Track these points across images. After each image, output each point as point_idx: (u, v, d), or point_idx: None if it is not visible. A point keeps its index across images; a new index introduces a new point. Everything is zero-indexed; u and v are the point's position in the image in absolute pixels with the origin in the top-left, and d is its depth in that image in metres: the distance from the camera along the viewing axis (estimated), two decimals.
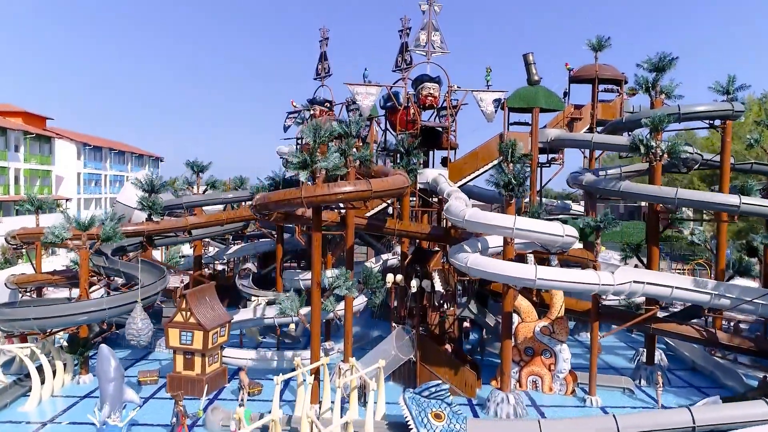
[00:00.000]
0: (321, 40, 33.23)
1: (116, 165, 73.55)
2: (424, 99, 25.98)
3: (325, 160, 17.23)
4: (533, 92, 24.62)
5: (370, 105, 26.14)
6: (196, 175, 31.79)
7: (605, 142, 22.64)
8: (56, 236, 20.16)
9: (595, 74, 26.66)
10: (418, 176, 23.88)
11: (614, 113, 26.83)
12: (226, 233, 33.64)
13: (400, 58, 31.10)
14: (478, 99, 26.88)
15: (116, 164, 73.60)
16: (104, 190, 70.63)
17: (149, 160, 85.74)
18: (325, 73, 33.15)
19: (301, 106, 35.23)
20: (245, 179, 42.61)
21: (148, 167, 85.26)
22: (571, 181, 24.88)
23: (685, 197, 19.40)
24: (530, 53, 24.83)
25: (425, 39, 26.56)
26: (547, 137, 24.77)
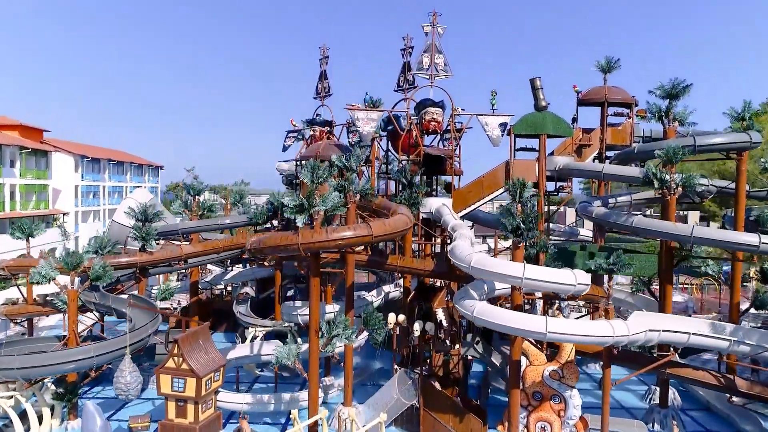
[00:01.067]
0: (321, 59, 32.40)
1: (115, 176, 72.90)
2: (427, 124, 25.15)
3: (323, 200, 16.43)
4: (541, 118, 23.75)
5: (372, 131, 25.31)
6: (192, 198, 30.99)
7: (616, 174, 21.77)
8: (43, 276, 19.34)
9: (605, 97, 25.83)
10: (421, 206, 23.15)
11: (624, 138, 25.98)
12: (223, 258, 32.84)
13: (402, 77, 30.35)
14: (483, 123, 26.05)
15: (115, 175, 72.94)
16: (103, 202, 69.95)
17: (149, 169, 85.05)
18: (325, 92, 32.32)
19: (300, 125, 34.44)
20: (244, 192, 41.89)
21: (147, 176, 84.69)
22: (580, 210, 24.03)
23: (701, 235, 18.53)
24: (537, 78, 23.99)
25: (428, 62, 25.78)
26: (555, 165, 23.90)
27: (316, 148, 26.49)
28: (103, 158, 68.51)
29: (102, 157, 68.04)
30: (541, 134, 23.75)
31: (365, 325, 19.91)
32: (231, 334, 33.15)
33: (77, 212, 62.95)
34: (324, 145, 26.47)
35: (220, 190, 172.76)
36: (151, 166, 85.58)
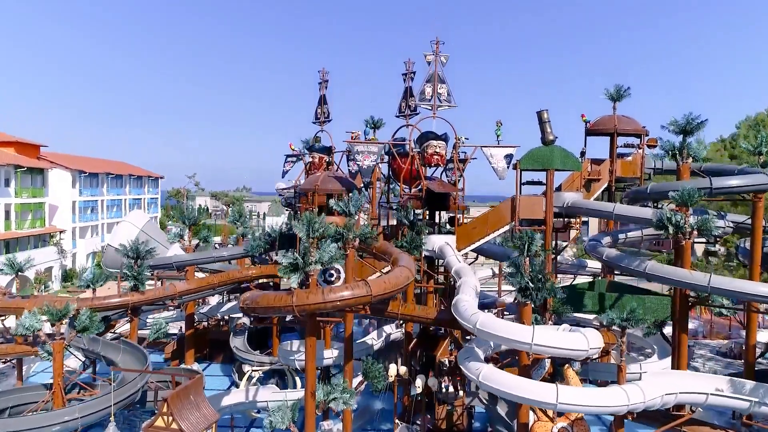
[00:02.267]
0: (320, 83, 31.67)
1: (113, 189, 72.25)
2: (429, 158, 24.29)
3: (319, 253, 15.58)
4: (548, 153, 22.87)
5: (372, 164, 24.50)
6: (187, 229, 30.18)
7: (627, 215, 20.85)
8: (27, 329, 18.48)
9: (614, 127, 24.97)
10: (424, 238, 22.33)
11: (635, 170, 25.15)
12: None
13: (403, 103, 29.53)
14: (488, 155, 25.23)
15: (113, 188, 72.28)
16: (101, 216, 69.27)
17: (148, 180, 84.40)
18: (324, 117, 31.57)
19: (299, 149, 33.66)
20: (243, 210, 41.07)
21: (147, 187, 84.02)
22: (589, 249, 23.12)
23: (719, 286, 17.59)
24: (545, 110, 23.09)
25: (431, 92, 24.96)
26: (563, 202, 23.01)
27: (314, 180, 25.67)
28: (101, 172, 67.79)
29: (100, 171, 67.32)
30: (549, 169, 22.89)
31: (365, 377, 19.07)
32: (228, 365, 32.29)
33: (75, 228, 62.26)
34: (323, 177, 25.65)
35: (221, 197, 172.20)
36: (151, 177, 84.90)
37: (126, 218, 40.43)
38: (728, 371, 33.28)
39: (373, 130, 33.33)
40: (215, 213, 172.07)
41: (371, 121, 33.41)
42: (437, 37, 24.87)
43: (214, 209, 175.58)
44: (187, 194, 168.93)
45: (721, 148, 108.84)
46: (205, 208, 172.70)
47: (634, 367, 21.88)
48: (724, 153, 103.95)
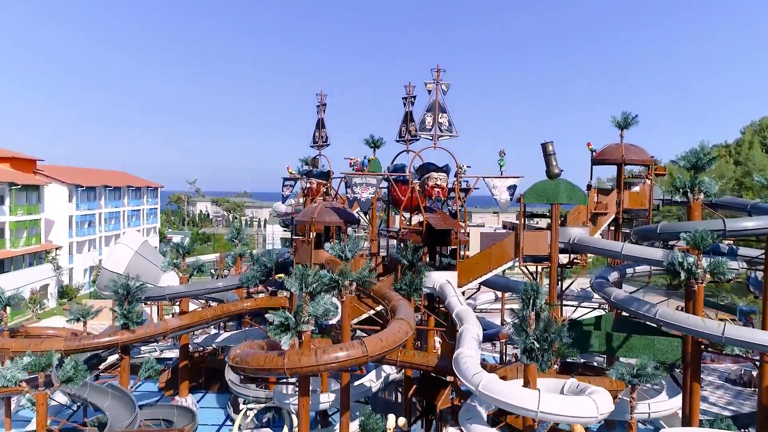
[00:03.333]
0: (318, 106, 30.93)
1: (111, 201, 71.58)
2: (430, 190, 23.54)
3: (313, 305, 14.84)
4: (553, 186, 22.05)
5: (371, 197, 23.71)
6: (181, 258, 29.43)
7: (637, 256, 20.04)
8: (9, 380, 17.73)
9: (621, 157, 24.14)
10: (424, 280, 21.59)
11: (643, 202, 24.32)
12: None
13: (403, 128, 28.84)
14: (491, 186, 24.46)
15: (111, 201, 71.61)
16: (99, 229, 68.59)
17: (147, 191, 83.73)
18: (322, 141, 30.83)
19: (297, 173, 32.95)
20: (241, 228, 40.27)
21: (146, 198, 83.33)
22: (596, 287, 22.31)
23: (734, 336, 16.81)
24: (550, 143, 22.27)
25: (431, 121, 24.21)
26: (569, 237, 22.22)
27: (311, 212, 24.85)
28: (99, 185, 67.11)
29: (97, 184, 66.65)
30: (554, 203, 22.09)
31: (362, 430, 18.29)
32: (224, 395, 31.52)
33: (72, 243, 61.57)
34: (320, 209, 24.81)
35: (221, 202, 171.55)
36: (149, 187, 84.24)
37: (121, 240, 39.61)
38: (739, 400, 32.49)
39: (373, 148, 32.74)
40: (216, 219, 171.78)
41: (371, 141, 32.82)
42: (438, 65, 24.11)
43: (214, 215, 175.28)
44: (188, 199, 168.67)
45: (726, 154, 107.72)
46: (206, 213, 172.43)
47: (642, 407, 21.04)
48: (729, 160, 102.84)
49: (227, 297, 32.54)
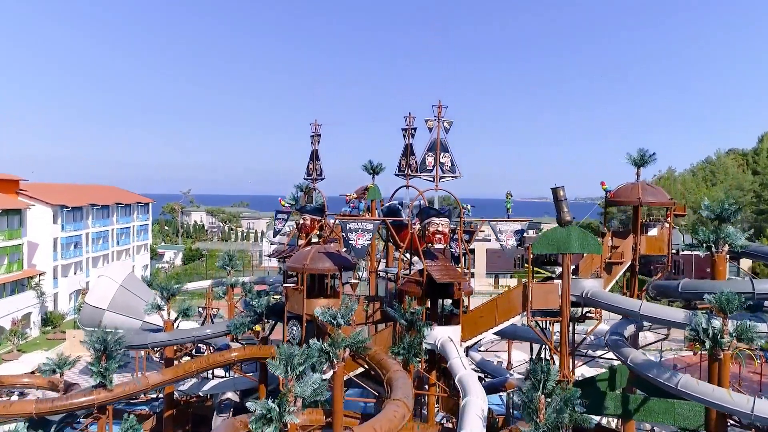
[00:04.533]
0: (312, 136, 30.11)
1: (99, 220, 70.87)
2: (431, 237, 22.60)
3: (300, 386, 13.89)
4: (564, 235, 21.17)
5: (366, 244, 22.82)
6: (166, 301, 28.52)
7: (656, 317, 19.08)
8: None
9: (638, 199, 23.19)
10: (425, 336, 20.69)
11: (661, 248, 23.37)
12: None
13: (403, 161, 28.06)
14: (497, 230, 23.73)
15: (99, 219, 70.92)
16: (86, 250, 67.84)
17: (137, 207, 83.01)
18: (317, 174, 29.99)
19: (289, 206, 32.13)
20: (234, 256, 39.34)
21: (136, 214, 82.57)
22: (611, 346, 21.34)
23: (765, 414, 15.79)
24: (560, 188, 21.39)
25: (432, 161, 23.35)
26: (582, 290, 21.32)
27: (303, 258, 23.92)
28: (86, 204, 66.35)
29: (84, 204, 65.88)
30: (566, 253, 21.18)
31: None
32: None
33: (56, 267, 60.81)
34: (313, 254, 23.88)
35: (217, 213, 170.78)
36: (140, 203, 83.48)
37: (105, 273, 38.85)
38: None
39: (372, 174, 31.90)
40: (211, 230, 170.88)
41: (369, 167, 32.00)
42: (439, 100, 23.29)
43: (210, 226, 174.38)
44: (182, 209, 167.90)
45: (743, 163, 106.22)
46: (201, 224, 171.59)
47: None
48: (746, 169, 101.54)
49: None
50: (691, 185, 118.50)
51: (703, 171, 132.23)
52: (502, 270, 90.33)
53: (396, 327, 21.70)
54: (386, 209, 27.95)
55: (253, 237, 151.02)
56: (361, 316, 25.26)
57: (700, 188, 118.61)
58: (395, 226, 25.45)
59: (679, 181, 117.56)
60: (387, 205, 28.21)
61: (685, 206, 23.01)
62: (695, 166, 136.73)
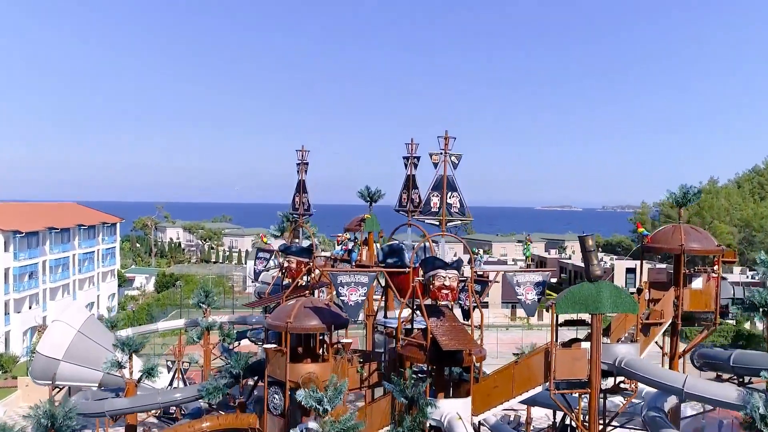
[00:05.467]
0: (299, 164, 29.43)
1: (59, 245, 70.39)
2: (436, 292, 21.75)
3: None
4: (594, 292, 20.35)
5: (360, 301, 21.99)
6: (128, 357, 27.77)
7: (704, 395, 18.24)
8: None
9: (681, 246, 22.40)
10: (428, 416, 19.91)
11: (708, 303, 22.62)
12: None
13: (404, 195, 27.50)
14: (514, 282, 22.80)
15: (59, 244, 70.41)
16: (43, 281, 67.23)
17: (103, 228, 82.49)
18: (304, 209, 29.30)
19: (272, 244, 31.50)
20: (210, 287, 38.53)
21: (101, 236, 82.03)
22: (649, 423, 20.50)
23: None
24: (589, 236, 20.58)
25: (438, 203, 22.58)
26: (614, 358, 20.55)
27: (286, 314, 23.10)
28: (42, 228, 65.79)
29: (40, 228, 65.35)
30: (596, 314, 20.37)
31: None
32: None
33: (8, 301, 60.17)
34: (297, 310, 23.07)
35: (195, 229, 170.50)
36: (106, 223, 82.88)
37: (60, 317, 38.02)
38: None
39: (370, 202, 31.25)
40: (189, 249, 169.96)
41: (366, 193, 31.38)
42: (446, 131, 22.57)
43: (187, 244, 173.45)
44: (155, 225, 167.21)
45: None
46: (177, 242, 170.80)
47: None
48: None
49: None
50: (737, 199, 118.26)
51: (750, 182, 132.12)
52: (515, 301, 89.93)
53: (394, 405, 20.93)
54: (387, 248, 27.20)
55: (236, 257, 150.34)
56: (355, 379, 24.50)
57: (747, 203, 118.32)
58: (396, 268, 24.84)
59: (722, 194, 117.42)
60: (389, 244, 27.47)
61: (734, 251, 22.18)
62: (740, 177, 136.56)
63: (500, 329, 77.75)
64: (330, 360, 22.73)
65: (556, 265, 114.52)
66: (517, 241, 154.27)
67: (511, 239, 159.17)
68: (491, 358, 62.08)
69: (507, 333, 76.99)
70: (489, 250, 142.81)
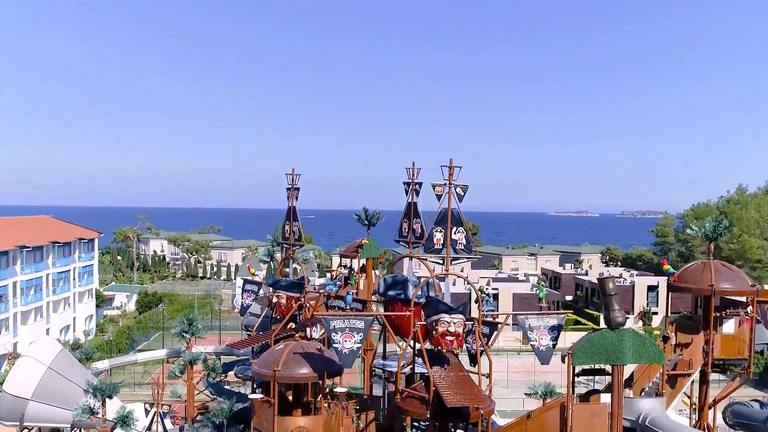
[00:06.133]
0: (289, 188, 28.90)
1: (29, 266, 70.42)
2: (439, 339, 21.21)
3: None
4: (615, 341, 19.81)
5: (356, 349, 21.43)
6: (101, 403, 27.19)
7: None
8: None
9: (711, 287, 21.84)
10: None
11: (741, 349, 22.10)
12: None
13: (405, 224, 27.06)
14: (526, 326, 22.28)
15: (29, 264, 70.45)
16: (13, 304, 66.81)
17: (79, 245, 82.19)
18: (294, 239, 28.78)
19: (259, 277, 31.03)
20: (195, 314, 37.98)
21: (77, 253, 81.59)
22: None
23: None
24: (609, 279, 20.00)
25: (441, 239, 22.07)
26: (638, 414, 20.03)
27: (273, 361, 22.55)
28: (12, 247, 65.45)
29: (10, 247, 64.97)
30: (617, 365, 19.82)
31: None
32: None
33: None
34: (286, 357, 22.52)
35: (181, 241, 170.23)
36: (83, 239, 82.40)
37: (28, 352, 37.40)
38: None
39: (368, 226, 30.81)
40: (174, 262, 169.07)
41: (364, 217, 30.94)
42: (451, 159, 22.08)
43: (172, 257, 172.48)
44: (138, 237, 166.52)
45: None
46: (161, 255, 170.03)
47: None
48: None
49: None
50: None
51: None
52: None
53: None
54: (390, 279, 26.65)
55: (225, 272, 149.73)
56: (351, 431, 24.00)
57: None
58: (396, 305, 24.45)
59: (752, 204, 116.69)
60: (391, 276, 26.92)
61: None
62: None
63: (511, 354, 76.99)
64: (323, 410, 22.24)
65: (571, 282, 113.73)
66: (529, 254, 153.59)
67: (522, 252, 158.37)
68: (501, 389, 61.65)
69: (518, 358, 76.07)
70: (499, 264, 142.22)
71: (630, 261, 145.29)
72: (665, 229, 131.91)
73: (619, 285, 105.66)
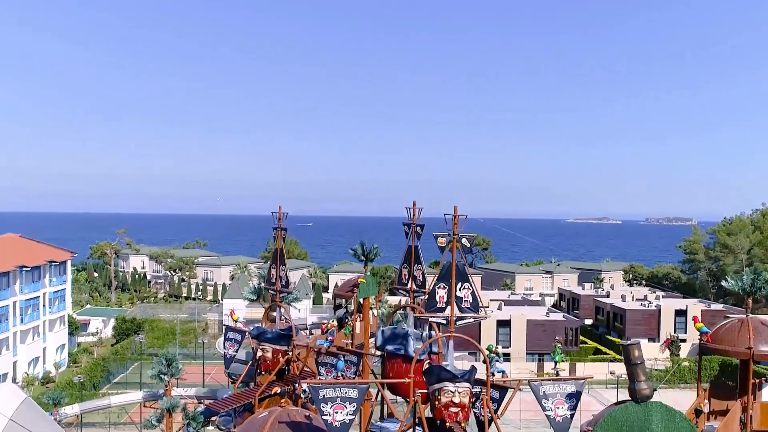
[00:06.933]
0: (275, 229, 28.35)
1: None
2: (442, 410, 20.54)
3: None
4: (642, 416, 19.49)
5: (348, 421, 20.85)
6: None
7: None
8: None
9: (749, 350, 21.20)
10: None
11: None
12: None
13: (405, 270, 26.61)
14: (540, 393, 21.63)
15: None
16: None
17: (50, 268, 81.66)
18: (281, 284, 28.19)
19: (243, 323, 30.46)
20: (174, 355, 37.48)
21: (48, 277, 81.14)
22: None
23: None
24: (635, 345, 19.49)
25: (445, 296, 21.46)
26: None
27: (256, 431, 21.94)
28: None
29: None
30: None
31: None
32: None
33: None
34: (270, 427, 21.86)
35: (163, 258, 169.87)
36: (54, 262, 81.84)
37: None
38: None
39: (365, 261, 30.29)
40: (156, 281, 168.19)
41: (361, 251, 30.47)
42: (455, 207, 21.36)
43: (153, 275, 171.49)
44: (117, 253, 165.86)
45: None
46: (142, 273, 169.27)
47: None
48: None
49: None
50: None
51: None
52: (548, 349, 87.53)
53: None
54: (389, 332, 26.09)
55: (211, 292, 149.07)
56: None
57: None
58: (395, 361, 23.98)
59: None
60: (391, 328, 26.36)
61: None
62: None
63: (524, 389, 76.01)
64: None
65: (590, 304, 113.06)
66: (545, 272, 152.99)
67: (537, 269, 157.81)
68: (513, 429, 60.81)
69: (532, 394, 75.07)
70: (512, 284, 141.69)
71: (656, 279, 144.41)
72: (694, 246, 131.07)
73: (644, 309, 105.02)
